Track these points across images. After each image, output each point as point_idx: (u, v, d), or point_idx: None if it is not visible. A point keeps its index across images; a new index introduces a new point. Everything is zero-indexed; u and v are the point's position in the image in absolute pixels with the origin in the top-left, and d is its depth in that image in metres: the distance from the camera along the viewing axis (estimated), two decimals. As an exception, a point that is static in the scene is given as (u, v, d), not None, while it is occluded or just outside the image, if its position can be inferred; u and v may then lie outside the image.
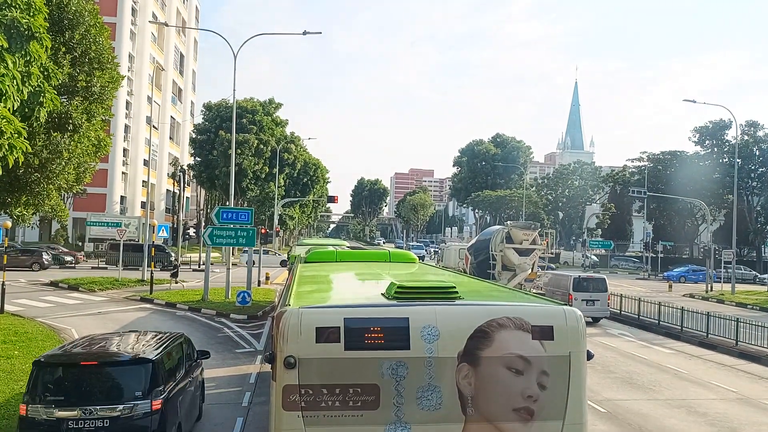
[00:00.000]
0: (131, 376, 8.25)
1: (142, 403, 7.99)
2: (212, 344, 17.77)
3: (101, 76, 20.84)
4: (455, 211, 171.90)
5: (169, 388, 8.57)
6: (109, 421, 7.80)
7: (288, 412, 5.80)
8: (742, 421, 12.25)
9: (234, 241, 25.29)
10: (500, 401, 5.98)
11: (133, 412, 7.93)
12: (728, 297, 37.47)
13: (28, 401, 7.94)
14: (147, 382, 8.14)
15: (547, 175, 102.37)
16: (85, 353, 8.69)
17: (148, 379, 8.17)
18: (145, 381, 8.15)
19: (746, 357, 19.10)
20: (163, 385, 8.39)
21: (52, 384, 8.08)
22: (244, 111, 66.11)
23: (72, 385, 8.11)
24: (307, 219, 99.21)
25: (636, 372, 16.46)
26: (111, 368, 8.45)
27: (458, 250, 40.59)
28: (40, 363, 8.24)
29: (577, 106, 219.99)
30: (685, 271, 55.93)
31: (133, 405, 7.96)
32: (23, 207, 20.62)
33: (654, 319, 24.91)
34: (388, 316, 6.03)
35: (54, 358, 8.45)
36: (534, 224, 28.75)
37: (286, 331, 5.83)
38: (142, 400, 8.02)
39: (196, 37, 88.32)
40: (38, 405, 7.86)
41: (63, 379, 8.18)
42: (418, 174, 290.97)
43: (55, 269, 40.05)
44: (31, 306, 23.72)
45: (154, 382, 8.20)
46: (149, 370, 8.23)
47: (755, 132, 66.01)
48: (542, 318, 6.18)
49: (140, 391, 8.07)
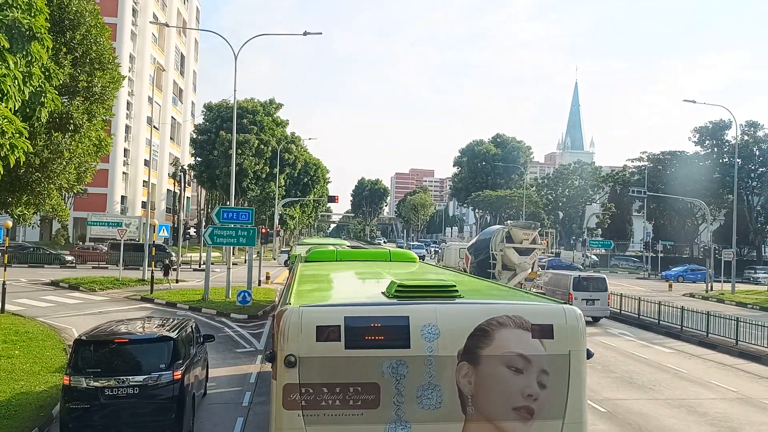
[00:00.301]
0: (156, 351, 9.64)
1: (165, 374, 9.38)
2: (212, 344, 17.77)
3: (102, 77, 20.84)
4: (455, 210, 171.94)
5: (185, 362, 9.99)
6: (138, 389, 9.17)
7: (288, 411, 5.80)
8: (743, 420, 12.25)
9: (234, 240, 25.32)
10: (500, 400, 5.98)
11: (158, 381, 9.32)
12: (728, 296, 37.47)
13: (71, 373, 9.19)
14: (169, 357, 9.56)
15: (548, 175, 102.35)
16: (117, 332, 10.12)
17: (170, 354, 9.59)
18: (168, 355, 9.57)
19: (746, 356, 19.10)
20: (182, 359, 9.83)
21: (90, 358, 9.39)
22: (244, 111, 66.13)
23: (107, 359, 9.44)
24: (308, 219, 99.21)
25: (636, 371, 16.47)
26: (140, 345, 9.93)
27: (458, 250, 40.64)
28: (81, 341, 9.56)
29: (577, 107, 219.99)
30: (683, 270, 55.96)
31: (159, 375, 9.35)
32: (24, 207, 20.62)
33: (654, 319, 24.92)
34: (388, 314, 6.04)
35: (92, 337, 9.76)
36: (534, 224, 28.79)
37: (287, 329, 5.84)
38: (166, 371, 9.41)
39: (196, 37, 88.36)
40: (79, 376, 9.13)
41: (100, 354, 9.50)
42: (418, 174, 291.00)
43: (56, 269, 40.09)
44: (31, 305, 23.73)
45: (175, 357, 9.63)
46: (171, 347, 9.67)
47: (755, 132, 66.02)
48: (542, 317, 6.19)
49: (164, 363, 9.47)
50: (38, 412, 10.84)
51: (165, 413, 9.32)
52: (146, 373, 9.32)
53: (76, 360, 9.33)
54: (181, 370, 9.61)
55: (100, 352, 9.53)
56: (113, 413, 9.15)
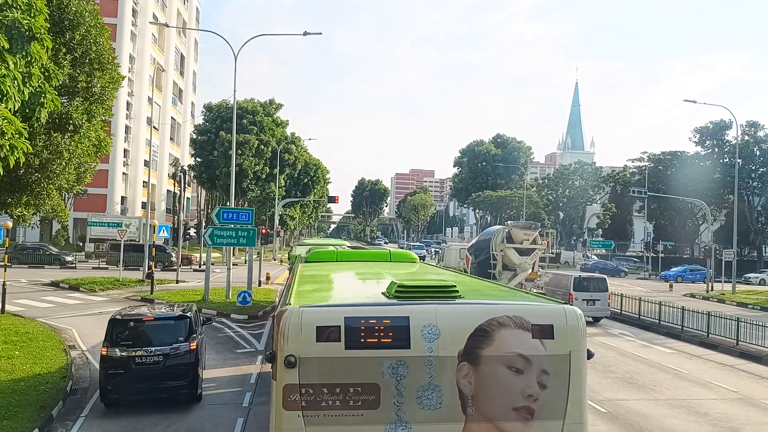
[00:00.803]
0: (176, 327, 11.83)
1: (183, 345, 11.58)
2: (213, 344, 17.78)
3: (102, 77, 20.82)
4: (456, 211, 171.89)
5: (197, 336, 12.10)
6: (162, 357, 11.32)
7: (288, 412, 5.79)
8: (743, 421, 12.24)
9: (234, 241, 25.30)
10: (500, 400, 5.97)
11: (178, 351, 11.48)
12: (729, 297, 37.46)
13: (107, 345, 11.27)
14: (186, 331, 11.78)
15: (548, 176, 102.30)
16: (144, 313, 12.31)
17: (187, 329, 11.81)
18: (185, 330, 11.79)
19: (747, 357, 19.09)
20: (195, 334, 11.98)
21: (123, 333, 11.42)
22: (244, 112, 66.14)
23: (137, 333, 11.52)
24: (308, 219, 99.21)
25: (636, 372, 16.45)
26: (163, 322, 12.01)
27: (459, 250, 40.58)
28: (115, 320, 11.59)
29: (577, 107, 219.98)
30: (683, 270, 55.96)
31: (178, 345, 11.53)
32: (24, 207, 20.62)
33: (654, 319, 24.91)
34: (388, 315, 6.02)
35: (124, 317, 11.79)
36: (534, 224, 28.74)
37: (287, 330, 5.82)
38: (184, 342, 11.59)
39: (196, 37, 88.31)
40: (114, 348, 11.19)
41: (131, 330, 11.53)
42: (418, 174, 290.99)
43: (56, 269, 40.09)
44: (31, 306, 23.73)
45: (190, 331, 11.82)
46: (188, 324, 11.89)
47: (756, 132, 65.99)
48: (542, 317, 6.17)
49: (182, 336, 11.67)
50: (39, 412, 10.84)
51: (183, 376, 11.49)
52: (168, 344, 11.44)
53: (111, 335, 11.31)
54: (196, 342, 11.84)
55: (131, 328, 11.53)
56: (142, 377, 11.18)
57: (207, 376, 14.42)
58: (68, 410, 11.53)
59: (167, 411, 11.50)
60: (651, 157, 74.78)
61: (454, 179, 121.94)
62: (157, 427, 10.72)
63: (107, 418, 11.12)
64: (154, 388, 11.29)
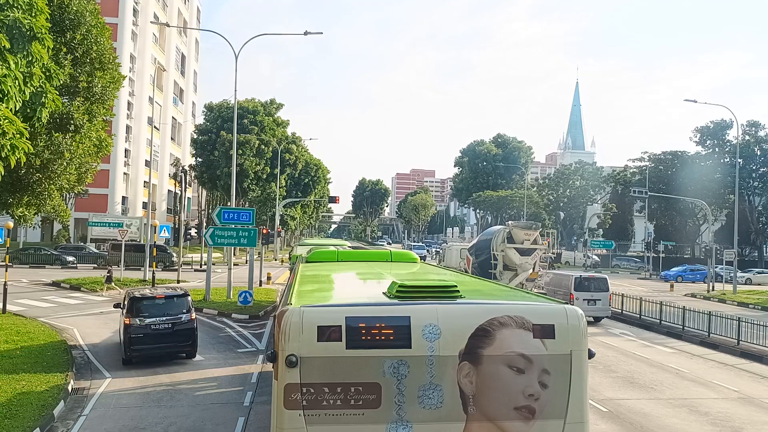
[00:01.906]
0: (181, 302, 15.60)
1: (185, 315, 15.41)
2: (214, 344, 17.81)
3: (102, 77, 20.82)
4: (456, 211, 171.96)
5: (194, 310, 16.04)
6: (171, 324, 15.13)
7: (290, 411, 5.79)
8: (744, 420, 12.23)
9: (235, 241, 25.31)
10: (501, 400, 5.97)
11: (182, 320, 15.30)
12: (730, 296, 37.43)
13: (129, 316, 14.84)
14: (189, 306, 15.59)
15: (549, 176, 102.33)
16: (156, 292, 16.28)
17: (189, 304, 15.64)
18: (187, 305, 15.59)
19: (748, 356, 19.08)
20: (194, 309, 16.03)
21: (141, 307, 15.11)
22: (245, 111, 66.12)
23: (151, 307, 15.20)
24: (309, 219, 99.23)
25: (637, 371, 16.45)
26: (171, 299, 15.66)
27: (459, 250, 40.60)
28: (135, 297, 15.31)
29: (578, 106, 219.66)
30: (683, 270, 55.89)
31: (182, 316, 15.35)
32: (25, 207, 20.62)
33: (655, 319, 24.89)
34: (389, 314, 6.02)
35: (141, 296, 15.58)
36: (535, 224, 28.76)
37: (288, 329, 5.83)
38: (186, 314, 15.42)
39: (197, 37, 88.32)
40: (135, 317, 14.81)
41: (147, 304, 15.24)
42: (419, 174, 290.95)
43: (57, 269, 40.11)
44: (33, 306, 23.75)
45: (190, 306, 15.64)
46: (189, 300, 15.77)
47: (756, 132, 65.97)
48: (543, 316, 6.17)
49: (186, 309, 15.49)
50: (40, 411, 10.85)
51: (186, 339, 15.35)
52: (175, 315, 15.25)
53: (131, 308, 14.94)
54: (194, 314, 15.71)
55: (147, 303, 15.25)
56: (156, 338, 14.89)
57: (208, 376, 14.49)
58: (69, 409, 11.55)
59: (168, 409, 11.52)
60: (652, 156, 74.73)
61: (454, 179, 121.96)
62: (158, 426, 10.74)
63: (108, 417, 11.14)
64: (165, 347, 15.06)
